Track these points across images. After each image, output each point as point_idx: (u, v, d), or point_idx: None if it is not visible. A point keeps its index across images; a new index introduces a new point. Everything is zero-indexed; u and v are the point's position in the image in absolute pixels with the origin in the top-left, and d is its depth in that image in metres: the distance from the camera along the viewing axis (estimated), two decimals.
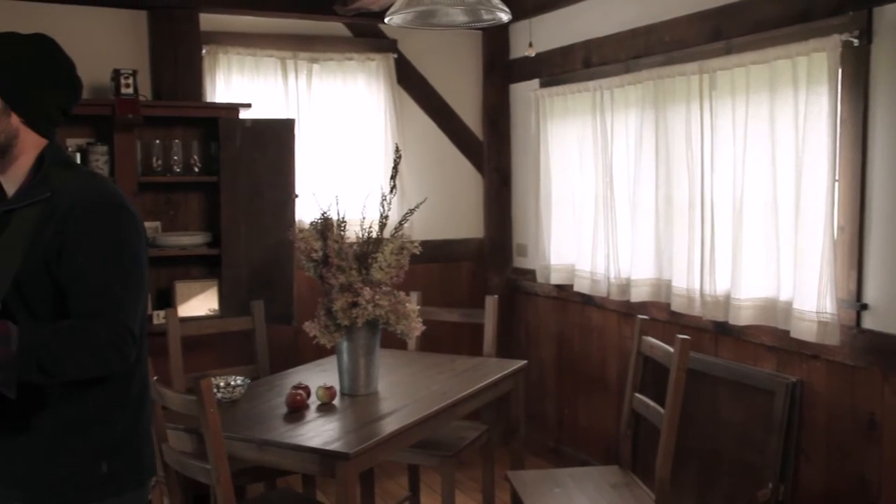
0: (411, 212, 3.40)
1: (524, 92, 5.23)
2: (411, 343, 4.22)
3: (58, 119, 2.01)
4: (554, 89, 4.86)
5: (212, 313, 4.47)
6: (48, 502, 1.94)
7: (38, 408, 1.91)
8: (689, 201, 3.92)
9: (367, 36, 5.08)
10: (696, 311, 3.88)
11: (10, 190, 1.98)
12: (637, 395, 3.48)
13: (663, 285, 4.15)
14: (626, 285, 4.33)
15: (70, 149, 4.17)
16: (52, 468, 1.93)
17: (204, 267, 4.60)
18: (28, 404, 1.88)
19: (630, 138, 4.29)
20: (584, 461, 4.76)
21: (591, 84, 4.53)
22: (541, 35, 4.87)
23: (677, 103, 3.96)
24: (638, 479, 3.46)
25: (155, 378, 2.82)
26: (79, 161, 4.10)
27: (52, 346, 1.79)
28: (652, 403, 3.31)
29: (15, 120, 1.92)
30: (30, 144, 1.96)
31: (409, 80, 5.22)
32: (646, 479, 3.46)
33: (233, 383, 3.29)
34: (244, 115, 4.47)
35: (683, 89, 3.90)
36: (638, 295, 4.25)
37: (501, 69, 5.41)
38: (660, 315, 4.16)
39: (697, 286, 3.87)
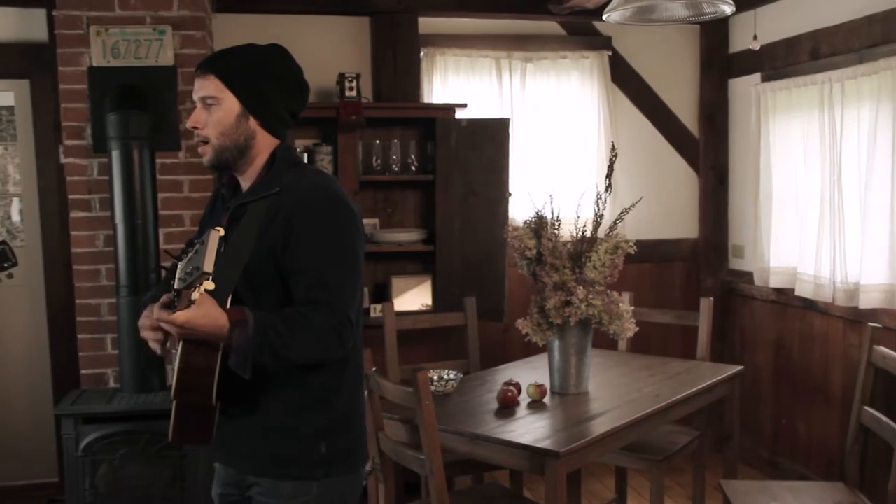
0: (626, 211, 3.35)
1: (744, 87, 5.02)
2: (622, 343, 4.18)
3: (289, 122, 2.15)
4: (777, 83, 4.63)
5: (424, 308, 4.61)
6: (274, 476, 2.08)
7: (265, 391, 2.05)
8: None
9: (581, 34, 5.05)
10: None
11: (246, 185, 2.14)
12: (866, 408, 3.26)
13: None
14: (853, 290, 4.07)
15: (298, 149, 4.43)
16: (276, 446, 2.07)
17: (419, 263, 4.75)
18: (256, 388, 2.03)
19: (862, 133, 4.02)
20: (802, 475, 4.52)
21: (818, 77, 4.28)
22: (764, 26, 4.66)
23: None
24: (866, 498, 3.24)
25: (374, 369, 2.95)
26: (305, 161, 4.35)
27: (281, 331, 1.91)
28: (884, 418, 3.09)
29: (252, 123, 2.08)
30: (264, 145, 2.11)
31: (624, 78, 5.15)
32: (875, 499, 3.24)
33: (446, 377, 3.38)
34: (460, 115, 4.57)
35: None
36: (868, 301, 3.97)
37: (720, 64, 5.22)
38: (893, 323, 3.87)
39: None
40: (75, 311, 4.04)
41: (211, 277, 1.79)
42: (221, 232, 1.89)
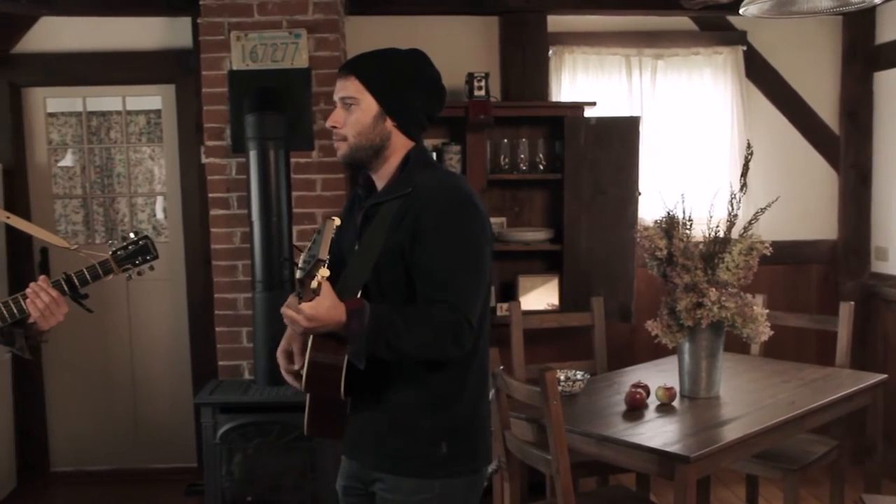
0: (762, 211, 3.24)
1: (892, 80, 4.77)
2: (755, 348, 4.04)
3: (424, 124, 2.19)
4: None
5: (551, 307, 4.58)
6: (396, 473, 2.11)
7: (387, 388, 2.09)
8: None
9: (714, 29, 4.92)
10: None
11: (380, 186, 2.19)
12: None
13: None
14: None
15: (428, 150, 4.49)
16: (398, 443, 2.10)
17: (545, 262, 4.73)
18: (379, 384, 2.08)
19: None
20: None
21: None
22: None
23: None
24: None
25: (500, 368, 2.95)
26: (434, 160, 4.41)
27: (396, 323, 1.94)
28: None
29: (389, 124, 2.12)
30: (399, 146, 2.15)
31: (759, 73, 4.98)
32: None
33: (573, 377, 3.35)
34: (589, 113, 4.52)
35: None
36: None
37: (864, 56, 4.97)
38: None
39: None
40: (214, 306, 4.22)
41: (326, 264, 1.84)
42: (337, 221, 1.95)
